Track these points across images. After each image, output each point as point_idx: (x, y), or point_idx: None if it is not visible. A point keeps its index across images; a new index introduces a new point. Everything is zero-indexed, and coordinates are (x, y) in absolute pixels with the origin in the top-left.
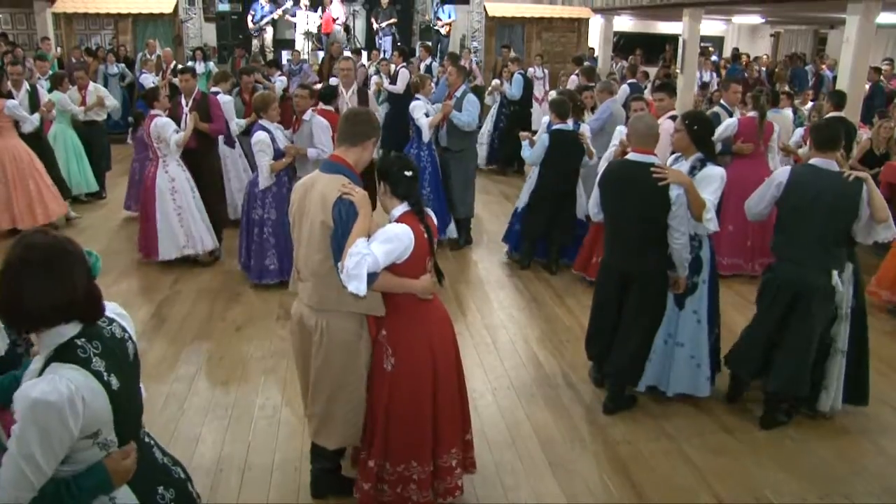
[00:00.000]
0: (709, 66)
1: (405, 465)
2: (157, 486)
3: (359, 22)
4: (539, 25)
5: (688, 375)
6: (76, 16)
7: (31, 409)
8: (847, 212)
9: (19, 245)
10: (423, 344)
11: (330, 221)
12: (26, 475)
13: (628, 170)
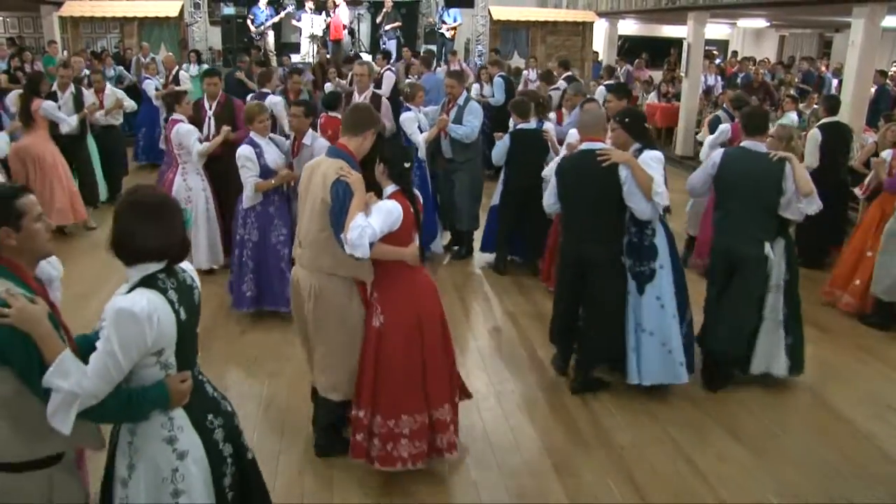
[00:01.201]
0: (713, 70)
1: (395, 421)
2: (208, 414)
3: (364, 25)
4: (543, 29)
5: (661, 363)
6: (83, 19)
7: (116, 316)
8: (771, 188)
9: (132, 195)
10: (409, 304)
11: (329, 199)
12: (108, 369)
13: (580, 158)
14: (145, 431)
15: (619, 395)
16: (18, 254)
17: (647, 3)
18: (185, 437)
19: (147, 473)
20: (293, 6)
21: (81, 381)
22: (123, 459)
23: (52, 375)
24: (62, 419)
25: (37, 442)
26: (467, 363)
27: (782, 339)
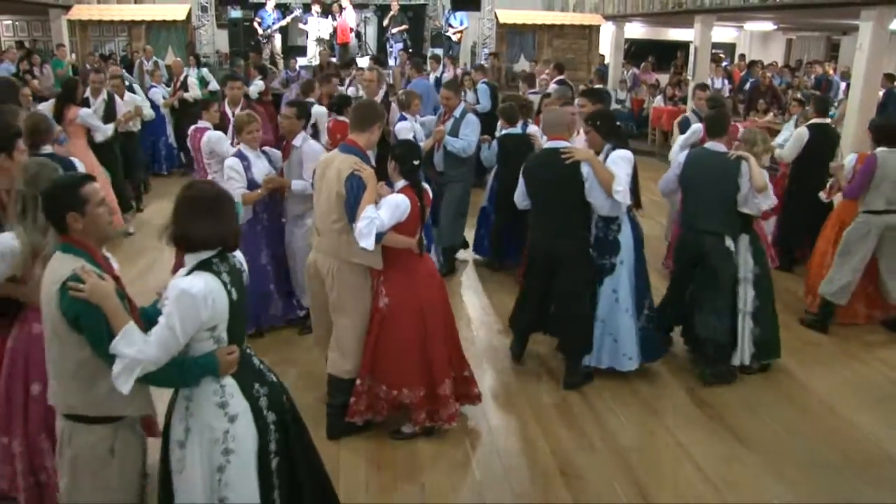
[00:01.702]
0: (720, 73)
1: (398, 391)
2: (255, 383)
3: (370, 28)
4: (550, 32)
5: (606, 351)
6: (91, 23)
7: (178, 295)
8: (729, 185)
9: (189, 190)
10: (412, 289)
11: (343, 191)
12: (168, 341)
13: (545, 156)
14: (200, 397)
15: (623, 397)
16: (86, 235)
17: (653, 7)
18: (234, 402)
19: (202, 435)
20: (300, 10)
21: (144, 350)
22: (180, 424)
23: (119, 343)
24: (124, 381)
25: (104, 402)
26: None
27: (749, 329)
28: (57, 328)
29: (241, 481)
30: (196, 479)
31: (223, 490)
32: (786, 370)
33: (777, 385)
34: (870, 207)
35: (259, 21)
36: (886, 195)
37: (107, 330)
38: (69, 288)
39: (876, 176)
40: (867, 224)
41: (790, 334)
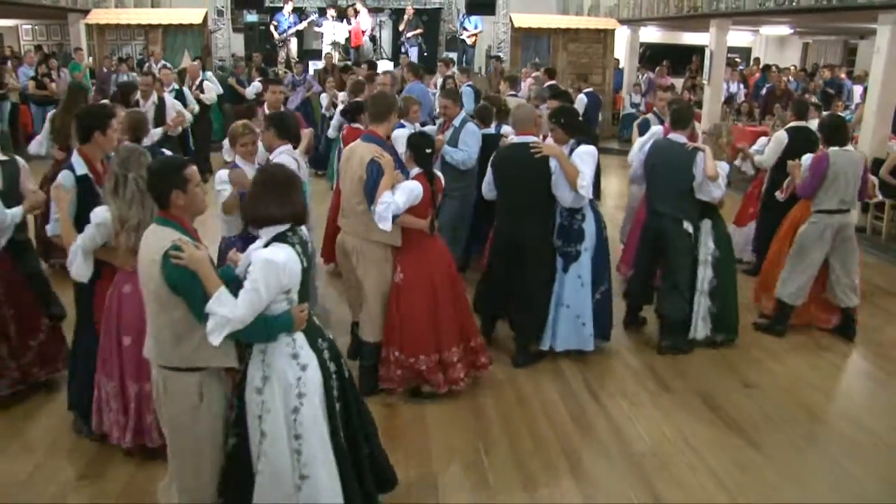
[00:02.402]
0: (736, 77)
1: (415, 359)
2: (318, 337)
3: (385, 32)
4: (565, 36)
5: (573, 333)
6: (108, 27)
7: (262, 263)
8: (685, 173)
9: (264, 174)
10: (424, 265)
11: (364, 176)
12: (253, 302)
13: (514, 150)
14: (275, 350)
15: (639, 402)
16: (184, 211)
17: (669, 11)
18: (304, 353)
19: (278, 382)
20: (316, 14)
21: (234, 310)
22: (257, 373)
23: (213, 304)
24: (217, 336)
25: (192, 355)
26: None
27: (705, 306)
28: (157, 291)
29: (312, 420)
30: (279, 419)
31: (298, 428)
32: (803, 378)
33: (795, 392)
34: (823, 207)
35: (275, 25)
36: (839, 195)
37: (202, 293)
38: (171, 257)
39: (828, 175)
40: (821, 224)
41: (810, 342)
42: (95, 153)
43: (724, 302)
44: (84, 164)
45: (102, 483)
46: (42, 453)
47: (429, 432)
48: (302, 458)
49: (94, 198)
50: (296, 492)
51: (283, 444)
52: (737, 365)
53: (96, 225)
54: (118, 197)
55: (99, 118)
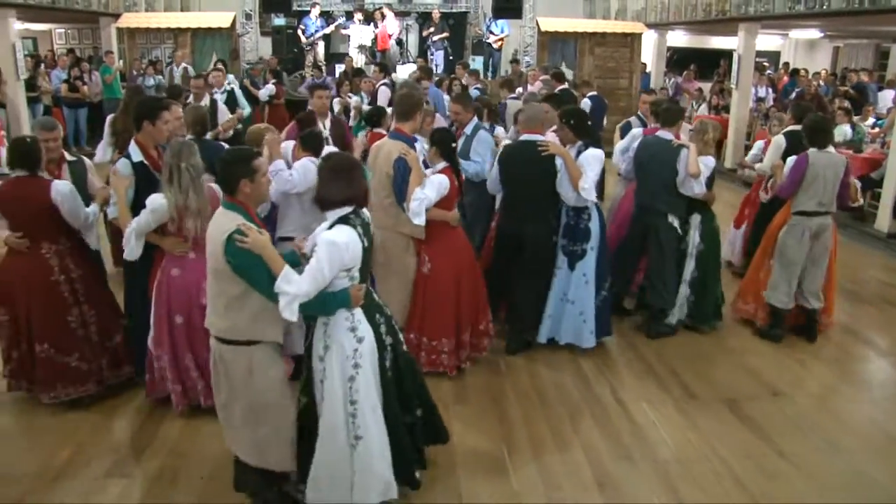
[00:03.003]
0: (764, 82)
1: (437, 341)
2: (375, 313)
3: (412, 36)
4: (592, 40)
5: (575, 328)
6: (138, 30)
7: (326, 244)
8: (669, 168)
9: (328, 161)
10: (450, 256)
11: (391, 172)
12: (318, 279)
13: (521, 147)
14: (335, 323)
15: (664, 408)
16: (249, 198)
17: (696, 15)
18: (362, 327)
19: (337, 352)
20: (343, 17)
21: (300, 286)
22: (320, 343)
23: (281, 283)
24: (290, 313)
25: (245, 329)
26: (510, 375)
27: (685, 295)
28: (218, 268)
29: (366, 389)
30: (336, 385)
31: (353, 395)
32: (831, 385)
33: (822, 401)
34: (801, 208)
35: (303, 29)
36: (818, 197)
37: (267, 274)
38: (235, 240)
39: (807, 175)
40: (800, 226)
41: (839, 350)
42: (148, 141)
43: (701, 293)
44: (139, 152)
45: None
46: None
47: (452, 434)
48: (356, 421)
49: (151, 183)
50: (351, 450)
51: (339, 408)
52: (764, 372)
53: (151, 210)
54: (173, 186)
55: (149, 108)
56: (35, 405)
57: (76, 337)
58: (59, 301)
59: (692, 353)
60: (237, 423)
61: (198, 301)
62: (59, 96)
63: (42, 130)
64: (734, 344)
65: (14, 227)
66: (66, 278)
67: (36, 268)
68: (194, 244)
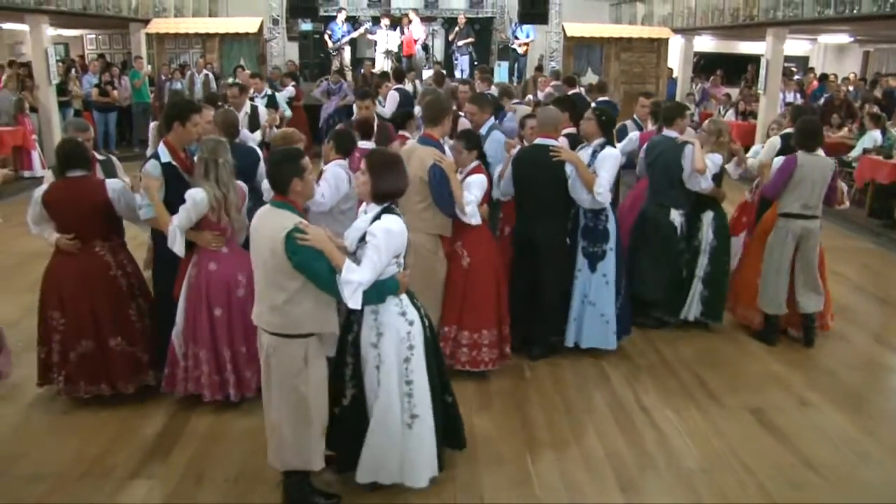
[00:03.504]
0: (792, 87)
1: (478, 334)
2: (414, 298)
3: (437, 41)
4: (618, 46)
5: (598, 331)
6: (167, 36)
7: (384, 232)
8: (675, 164)
9: (373, 156)
10: (486, 247)
11: (426, 177)
12: (375, 265)
13: (535, 151)
14: (385, 309)
15: (688, 415)
16: (299, 196)
17: (724, 20)
18: (410, 310)
19: (391, 336)
20: (370, 22)
21: (363, 275)
22: (372, 331)
23: (346, 274)
24: (355, 301)
25: (298, 323)
26: (532, 379)
27: (699, 291)
28: (277, 266)
29: (418, 367)
30: (393, 368)
31: (409, 375)
32: (860, 395)
33: (852, 410)
34: (785, 210)
35: (329, 34)
36: (803, 199)
37: (328, 267)
38: (296, 238)
39: (794, 176)
40: (783, 229)
41: (868, 358)
42: (177, 143)
43: (713, 288)
44: (168, 153)
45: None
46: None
47: (476, 439)
48: (413, 400)
49: (180, 183)
50: (406, 429)
51: (395, 390)
52: (791, 381)
53: (193, 205)
54: (209, 181)
55: (181, 110)
56: (63, 404)
57: (136, 329)
58: (120, 295)
59: (717, 359)
60: (287, 425)
61: (235, 294)
62: (90, 101)
63: (76, 131)
64: (759, 351)
65: (64, 229)
66: (122, 273)
67: (93, 266)
68: (228, 238)
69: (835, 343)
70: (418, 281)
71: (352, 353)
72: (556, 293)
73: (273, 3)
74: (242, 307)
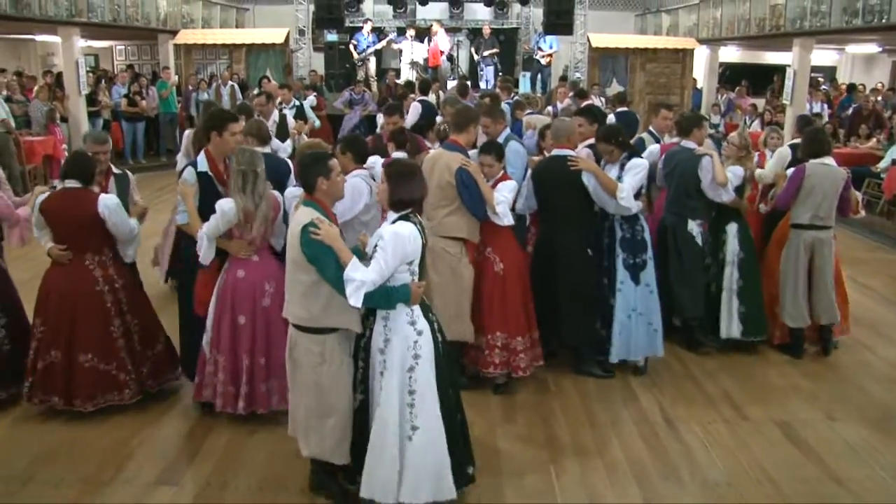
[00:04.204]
0: (820, 97)
1: (514, 340)
2: (428, 311)
3: (463, 52)
4: (643, 56)
5: (647, 340)
6: (195, 47)
7: (391, 235)
8: (692, 176)
9: (392, 167)
10: (515, 253)
11: (453, 181)
12: (382, 267)
13: (553, 161)
14: (396, 317)
15: (714, 429)
16: (325, 195)
17: (750, 30)
18: (420, 322)
19: (398, 344)
20: (395, 33)
21: (366, 274)
22: (380, 336)
23: (349, 271)
24: (356, 299)
25: (319, 316)
26: (557, 392)
27: (736, 307)
28: (295, 259)
29: (424, 379)
30: (395, 376)
31: (412, 385)
32: (889, 410)
33: (881, 426)
34: (796, 221)
35: (354, 44)
36: (813, 209)
37: (336, 263)
38: (309, 231)
39: (804, 186)
40: (795, 241)
41: (891, 371)
42: (217, 153)
43: (750, 303)
44: (206, 162)
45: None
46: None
47: (500, 452)
48: (414, 410)
49: (214, 192)
50: (406, 442)
51: (397, 398)
52: (819, 395)
53: (221, 214)
54: (246, 193)
55: (216, 120)
56: (83, 415)
57: (117, 346)
58: (103, 311)
59: (742, 372)
60: (304, 412)
61: (260, 303)
62: (119, 110)
63: (94, 143)
64: (784, 363)
65: (59, 239)
66: (109, 288)
67: (80, 278)
68: (258, 247)
69: (862, 356)
70: (444, 286)
71: (362, 357)
72: (575, 302)
73: (299, 14)
74: (267, 317)
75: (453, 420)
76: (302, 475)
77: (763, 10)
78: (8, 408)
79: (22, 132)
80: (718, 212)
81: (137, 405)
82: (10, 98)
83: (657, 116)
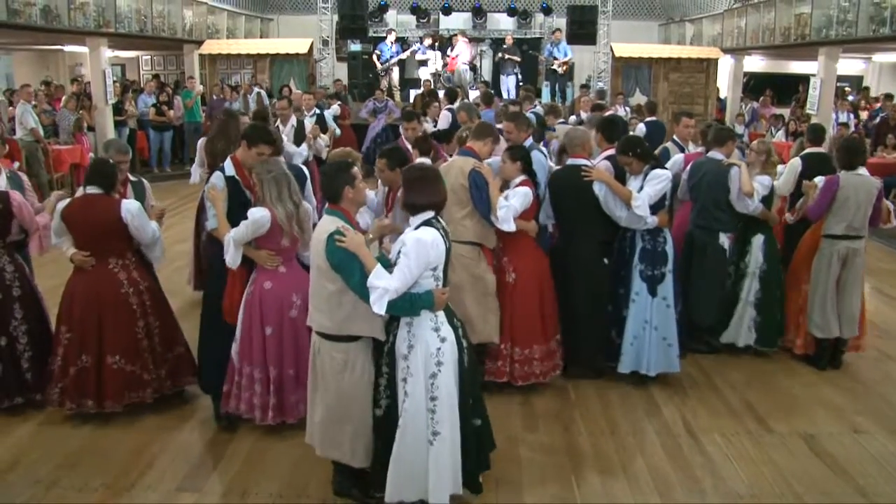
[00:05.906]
0: (846, 107)
1: (529, 349)
2: (453, 317)
3: (486, 61)
4: (667, 66)
5: (662, 355)
6: (220, 56)
7: (414, 241)
8: (720, 187)
9: (415, 169)
10: (532, 264)
11: (467, 184)
12: (405, 274)
13: (569, 171)
14: (420, 323)
15: (738, 441)
16: (351, 203)
17: (774, 39)
18: (444, 328)
19: (421, 351)
20: (418, 43)
21: (390, 282)
22: (404, 343)
23: (373, 279)
24: (380, 307)
25: (343, 324)
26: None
27: (751, 316)
28: (320, 267)
29: (446, 386)
30: (419, 382)
31: (434, 391)
32: None
33: None
34: (829, 231)
35: (378, 54)
36: (847, 220)
37: (360, 271)
38: (335, 240)
39: (838, 197)
40: (827, 251)
41: None
42: (242, 160)
43: (767, 314)
44: (233, 167)
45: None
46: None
47: (520, 460)
48: (435, 417)
49: (241, 197)
50: (429, 446)
51: (420, 404)
52: (844, 407)
53: (252, 222)
54: (283, 201)
55: (254, 135)
56: (107, 419)
57: (141, 347)
58: (129, 313)
59: (766, 383)
60: (322, 417)
61: (288, 314)
62: (146, 120)
63: (117, 153)
64: (810, 375)
65: (81, 244)
66: (134, 290)
67: (105, 282)
68: (286, 259)
69: (888, 368)
70: (464, 290)
71: (387, 363)
72: (588, 311)
73: (323, 25)
74: (294, 328)
75: (467, 427)
76: (324, 484)
77: (788, 19)
78: (31, 413)
79: (50, 141)
80: (745, 223)
81: (160, 411)
82: (37, 107)
83: (678, 125)
